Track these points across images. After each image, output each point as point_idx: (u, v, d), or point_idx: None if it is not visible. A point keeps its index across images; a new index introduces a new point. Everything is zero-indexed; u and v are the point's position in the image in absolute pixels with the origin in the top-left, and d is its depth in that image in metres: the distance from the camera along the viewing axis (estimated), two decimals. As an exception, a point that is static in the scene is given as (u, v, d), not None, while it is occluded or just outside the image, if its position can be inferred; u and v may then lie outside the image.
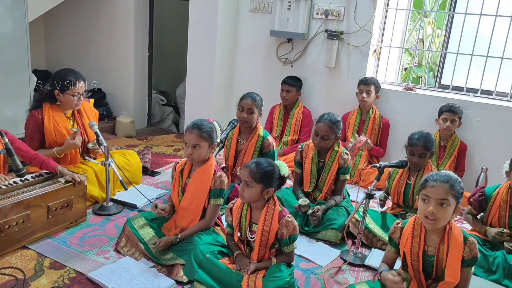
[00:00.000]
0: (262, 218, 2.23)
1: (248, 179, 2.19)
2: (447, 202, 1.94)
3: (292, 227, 2.22)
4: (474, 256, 2.00)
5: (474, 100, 3.84)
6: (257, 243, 2.23)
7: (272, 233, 2.21)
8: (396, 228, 2.16)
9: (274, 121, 4.39)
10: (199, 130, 2.47)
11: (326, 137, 3.00)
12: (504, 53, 3.75)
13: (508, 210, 2.68)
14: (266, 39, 4.55)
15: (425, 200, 1.98)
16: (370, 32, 4.06)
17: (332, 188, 3.14)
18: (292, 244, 2.26)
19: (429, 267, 2.05)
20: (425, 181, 2.00)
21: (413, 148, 2.91)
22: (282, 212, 2.26)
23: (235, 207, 2.34)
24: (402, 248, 2.10)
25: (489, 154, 3.71)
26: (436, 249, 2.02)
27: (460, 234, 2.01)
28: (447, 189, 1.93)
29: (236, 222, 2.31)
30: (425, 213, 1.96)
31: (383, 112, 4.10)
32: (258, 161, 2.26)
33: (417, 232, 2.06)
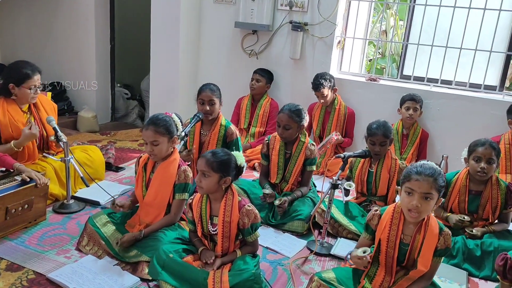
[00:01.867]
0: (221, 209, 2.21)
1: (205, 169, 2.18)
2: (430, 195, 1.95)
3: (253, 215, 2.22)
4: (447, 247, 2.04)
5: (435, 90, 3.94)
6: (219, 235, 2.21)
7: (234, 223, 2.20)
8: (374, 215, 2.16)
9: (241, 112, 4.36)
10: (154, 126, 2.42)
11: (288, 127, 3.01)
12: (462, 43, 3.86)
13: (467, 195, 2.77)
14: (231, 31, 4.51)
15: (409, 193, 1.98)
16: (334, 23, 4.09)
17: (298, 179, 3.16)
18: (255, 232, 2.25)
19: (402, 255, 2.08)
20: (409, 174, 2.00)
21: (373, 137, 2.96)
22: (241, 201, 2.25)
23: (194, 202, 2.31)
24: (379, 235, 2.11)
25: (449, 142, 3.82)
26: (412, 238, 2.05)
27: (437, 225, 2.05)
28: (431, 183, 1.94)
29: (197, 217, 2.28)
30: (408, 206, 1.97)
31: (348, 102, 4.15)
32: (214, 151, 2.26)
33: (395, 220, 2.07)
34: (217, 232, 2.23)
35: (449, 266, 2.56)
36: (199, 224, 2.29)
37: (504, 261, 2.03)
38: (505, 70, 3.93)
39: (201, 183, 2.20)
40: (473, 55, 3.85)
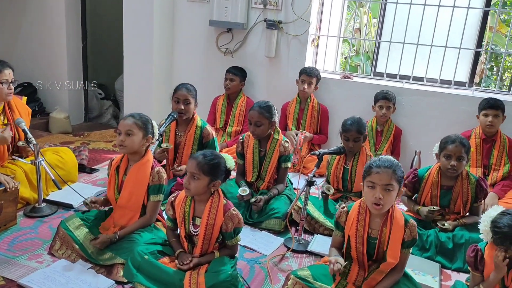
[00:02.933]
0: (206, 211, 2.19)
1: (195, 171, 2.14)
2: (391, 186, 2.00)
3: (237, 220, 2.21)
4: (413, 238, 2.09)
5: (407, 87, 4.01)
6: (200, 237, 2.19)
7: (217, 226, 2.18)
8: (342, 212, 2.20)
9: (217, 112, 4.35)
10: (133, 118, 2.42)
11: (259, 123, 3.01)
12: (433, 41, 3.93)
13: (439, 190, 2.84)
14: (205, 29, 4.48)
15: (371, 187, 2.03)
16: (308, 21, 4.11)
17: (274, 177, 3.17)
18: (236, 237, 2.24)
19: (371, 249, 2.13)
20: (369, 168, 2.05)
21: (347, 133, 3.00)
22: (227, 205, 2.23)
23: (177, 201, 2.28)
24: (348, 231, 2.15)
25: (422, 137, 3.89)
26: (379, 231, 2.09)
27: (402, 217, 2.10)
28: (390, 174, 2.00)
29: (181, 217, 2.25)
30: (372, 199, 2.02)
31: (322, 100, 4.18)
32: (206, 153, 2.21)
33: (362, 216, 2.12)
34: (199, 234, 2.20)
35: (422, 259, 2.62)
36: (182, 224, 2.26)
37: (474, 253, 2.09)
38: (474, 67, 4.04)
39: (190, 185, 2.15)
40: (443, 52, 3.93)
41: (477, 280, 2.09)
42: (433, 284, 2.37)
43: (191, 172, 2.15)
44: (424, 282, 2.36)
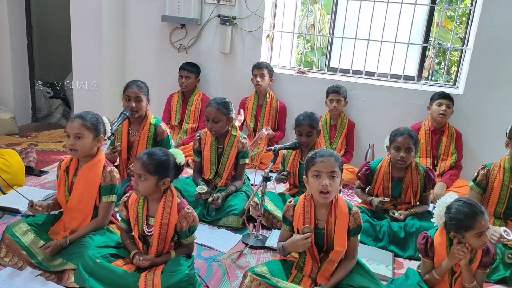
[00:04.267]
0: (160, 210, 2.14)
1: (141, 172, 2.09)
2: (336, 173, 2.07)
3: (191, 218, 2.17)
4: (358, 225, 2.14)
5: (359, 81, 4.11)
6: (155, 237, 2.14)
7: (171, 225, 2.14)
8: (289, 206, 2.23)
9: (172, 109, 4.27)
10: (82, 119, 2.32)
11: (217, 119, 3.00)
12: (383, 36, 4.04)
13: (390, 181, 2.92)
14: (158, 25, 4.38)
15: (316, 176, 2.07)
16: (262, 17, 4.11)
17: (232, 173, 3.16)
18: (192, 235, 2.21)
19: (320, 240, 2.16)
20: (312, 158, 2.11)
21: (299, 128, 3.03)
22: (181, 203, 2.19)
23: (130, 201, 2.21)
24: (296, 225, 2.18)
25: (375, 131, 3.99)
26: (325, 222, 2.13)
27: (345, 205, 2.15)
28: (333, 161, 2.07)
29: (134, 218, 2.19)
30: (319, 188, 2.05)
31: (279, 96, 4.20)
32: (151, 152, 2.15)
33: (307, 208, 2.15)
34: (153, 234, 2.15)
35: (376, 248, 2.69)
36: (136, 225, 2.20)
37: (425, 240, 2.17)
38: (422, 61, 4.19)
39: (138, 186, 2.10)
40: (393, 47, 4.05)
41: (428, 267, 2.17)
42: (386, 273, 2.44)
43: (137, 173, 2.10)
44: (378, 271, 2.43)
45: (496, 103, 3.75)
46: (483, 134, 3.80)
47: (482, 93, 3.76)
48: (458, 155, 3.65)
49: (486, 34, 3.66)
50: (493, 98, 3.75)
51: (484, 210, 2.02)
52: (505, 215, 2.71)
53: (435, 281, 2.12)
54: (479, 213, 1.99)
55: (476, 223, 1.98)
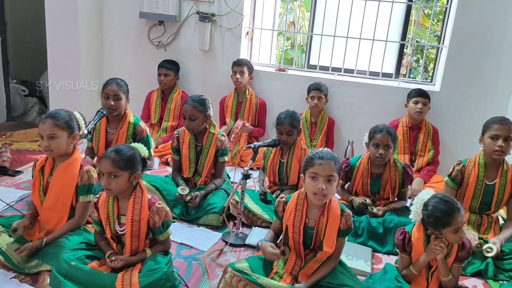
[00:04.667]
0: (130, 207, 2.11)
1: (112, 170, 2.06)
2: (333, 178, 2.06)
3: (164, 213, 2.15)
4: (349, 227, 2.15)
5: (338, 79, 4.13)
6: (128, 235, 2.11)
7: (143, 222, 2.11)
8: (280, 202, 2.23)
9: (151, 107, 4.23)
10: (53, 119, 2.27)
11: (193, 117, 2.97)
12: (361, 34, 4.07)
13: (369, 178, 2.95)
14: (136, 22, 4.33)
15: (313, 178, 2.06)
16: (241, 14, 4.10)
17: (212, 171, 3.14)
18: (167, 231, 2.19)
19: (308, 239, 2.17)
20: (312, 160, 2.08)
21: (280, 127, 3.03)
22: (151, 199, 2.17)
23: (100, 202, 2.18)
24: (285, 221, 2.18)
25: (354, 127, 4.03)
26: (316, 221, 2.13)
27: (338, 206, 2.15)
28: (332, 165, 2.05)
29: (105, 218, 2.16)
30: (314, 190, 2.05)
31: (259, 93, 4.20)
32: (117, 148, 2.13)
33: (299, 206, 2.15)
34: (125, 232, 2.12)
35: (356, 244, 2.72)
36: (107, 225, 2.17)
37: (403, 236, 2.19)
38: (399, 59, 4.24)
39: (110, 185, 2.06)
40: (371, 44, 4.08)
41: (405, 262, 2.20)
42: (365, 268, 2.47)
43: (108, 172, 2.06)
44: (357, 266, 2.45)
45: (472, 100, 3.82)
46: (459, 130, 3.87)
47: (458, 90, 3.83)
48: (435, 151, 3.71)
49: (461, 32, 3.73)
50: (469, 95, 3.82)
51: (461, 207, 2.05)
52: (480, 209, 2.77)
53: (412, 276, 2.15)
54: (456, 210, 2.02)
55: (453, 220, 2.01)
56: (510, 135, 2.61)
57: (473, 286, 2.42)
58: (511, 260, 2.49)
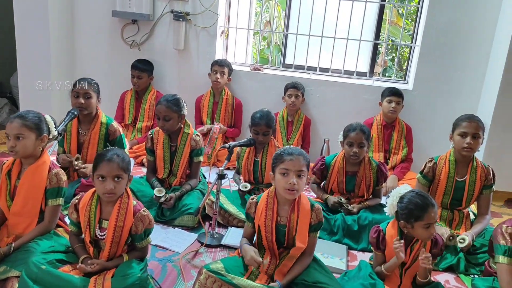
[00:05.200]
0: (114, 213, 2.07)
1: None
2: (303, 172, 2.09)
3: (147, 221, 2.12)
4: (319, 221, 2.17)
5: (314, 78, 4.15)
6: (108, 241, 2.06)
7: (126, 228, 2.08)
8: (251, 203, 2.23)
9: (125, 107, 4.16)
10: (22, 119, 2.22)
11: (168, 117, 2.94)
12: (335, 33, 4.10)
13: (345, 176, 2.98)
14: (108, 21, 4.25)
15: (284, 174, 2.08)
16: (216, 13, 4.07)
17: (187, 172, 3.11)
18: (147, 238, 2.16)
19: (281, 236, 2.17)
20: (281, 156, 2.11)
21: (256, 127, 3.03)
22: (137, 206, 2.13)
23: (82, 203, 2.12)
24: (257, 221, 2.18)
25: (330, 126, 4.04)
26: (287, 218, 2.14)
27: (308, 202, 2.17)
28: (302, 161, 2.10)
29: (86, 221, 2.10)
30: (286, 186, 2.07)
31: (234, 92, 4.18)
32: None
33: (270, 205, 2.16)
34: (106, 237, 2.07)
35: (331, 242, 2.74)
36: (87, 229, 2.11)
37: (377, 234, 2.22)
38: (373, 58, 4.29)
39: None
40: (345, 44, 4.11)
41: (379, 259, 2.22)
42: (340, 266, 2.49)
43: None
44: (333, 264, 2.47)
45: (443, 98, 3.90)
46: (432, 128, 3.94)
47: (430, 88, 3.90)
48: (408, 148, 3.77)
49: (433, 31, 3.79)
50: (441, 93, 3.90)
51: (435, 203, 2.09)
52: (452, 205, 2.82)
53: (384, 274, 2.18)
54: (430, 205, 2.06)
55: (426, 214, 2.04)
56: (478, 133, 2.67)
57: (446, 281, 2.46)
58: (482, 255, 2.54)
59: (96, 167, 2.06)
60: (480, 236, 2.68)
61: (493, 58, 3.68)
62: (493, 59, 3.68)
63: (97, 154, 2.20)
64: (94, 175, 2.07)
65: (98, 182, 2.06)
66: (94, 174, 2.07)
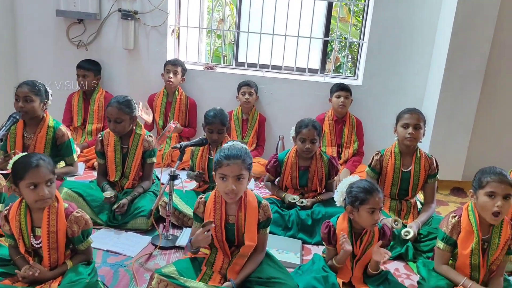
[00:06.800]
0: (45, 218, 1.99)
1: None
2: (242, 176, 2.07)
3: (83, 222, 2.06)
4: (268, 217, 2.19)
5: (267, 75, 4.18)
6: (45, 248, 1.98)
7: (61, 232, 2.00)
8: (199, 203, 2.21)
9: (73, 110, 4.03)
10: None
11: (119, 120, 2.87)
12: (286, 30, 4.15)
13: (298, 171, 3.02)
14: (53, 20, 4.09)
15: (223, 178, 2.06)
16: (166, 12, 4.01)
17: (140, 174, 3.05)
18: (87, 239, 2.09)
19: (231, 235, 2.17)
20: (219, 161, 2.08)
21: (211, 126, 3.02)
22: (68, 208, 2.06)
23: (11, 214, 2.03)
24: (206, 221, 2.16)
25: (284, 123, 4.07)
26: (235, 217, 2.14)
27: (255, 199, 2.18)
28: (240, 164, 2.05)
29: (17, 231, 2.01)
30: (225, 190, 2.06)
31: (188, 91, 4.14)
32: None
33: (218, 204, 2.15)
34: (42, 245, 1.99)
35: (286, 237, 2.77)
36: (20, 239, 2.02)
37: (327, 229, 2.27)
38: (324, 54, 4.37)
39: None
40: (296, 41, 4.17)
41: (331, 253, 2.28)
42: (295, 260, 2.52)
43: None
44: (287, 259, 2.50)
45: (390, 93, 4.03)
46: (381, 122, 4.05)
47: (378, 83, 4.03)
48: (359, 142, 3.88)
49: (379, 28, 3.91)
50: (388, 88, 4.03)
51: (381, 190, 2.18)
52: (399, 196, 2.93)
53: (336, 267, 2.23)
54: (376, 190, 2.16)
55: (371, 198, 2.13)
56: (419, 123, 2.80)
57: (395, 269, 2.55)
58: (429, 242, 2.65)
59: (23, 176, 1.93)
60: (426, 224, 2.79)
61: (435, 53, 3.84)
62: (435, 54, 3.84)
63: (16, 163, 2.00)
64: (22, 185, 1.94)
65: (28, 191, 1.94)
66: (21, 184, 1.94)
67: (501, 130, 3.88)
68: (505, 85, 3.77)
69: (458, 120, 3.71)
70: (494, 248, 2.12)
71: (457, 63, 3.58)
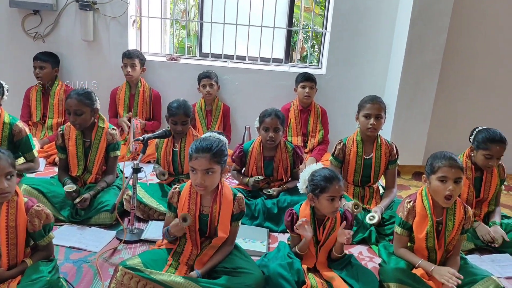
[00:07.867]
0: (3, 213, 1.92)
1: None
2: (212, 170, 2.05)
3: (44, 215, 2.00)
4: (242, 210, 2.20)
5: (231, 66, 4.17)
6: (3, 244, 1.91)
7: (21, 227, 1.94)
8: (173, 193, 2.19)
9: (31, 104, 3.89)
10: None
11: (79, 112, 2.80)
12: (249, 21, 4.14)
13: (262, 161, 3.04)
14: (6, 11, 3.94)
15: (193, 171, 2.06)
16: (126, 2, 3.92)
17: (103, 168, 2.99)
18: (49, 234, 2.04)
19: (204, 226, 2.17)
20: (190, 153, 2.07)
21: (174, 117, 2.99)
22: (28, 202, 2.00)
23: None
24: (180, 211, 2.15)
25: (249, 113, 4.06)
26: (210, 208, 2.14)
27: (230, 192, 2.18)
28: (209, 158, 2.03)
29: None
30: (195, 183, 2.06)
31: (151, 83, 4.08)
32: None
33: (193, 194, 2.14)
34: (0, 241, 1.93)
35: (252, 227, 2.79)
36: None
37: (291, 217, 2.29)
38: (288, 44, 4.39)
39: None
40: (260, 31, 4.16)
41: (296, 240, 2.31)
42: (261, 249, 2.54)
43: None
44: (254, 248, 2.52)
45: (353, 81, 4.10)
46: (345, 110, 4.12)
47: (341, 72, 4.09)
48: (324, 130, 3.94)
49: (340, 17, 3.96)
50: (351, 76, 4.10)
51: (341, 178, 2.22)
52: (362, 182, 3.00)
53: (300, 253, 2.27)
54: (336, 179, 2.19)
55: (331, 186, 2.16)
56: (380, 113, 2.86)
57: (359, 252, 2.62)
58: (391, 225, 2.73)
59: None
60: (388, 208, 2.88)
61: (395, 42, 3.93)
62: (395, 43, 3.93)
63: None
64: None
65: None
66: None
67: (458, 117, 4.03)
68: (461, 74, 3.91)
69: (418, 107, 3.82)
70: (450, 229, 2.21)
71: (416, 53, 3.68)
